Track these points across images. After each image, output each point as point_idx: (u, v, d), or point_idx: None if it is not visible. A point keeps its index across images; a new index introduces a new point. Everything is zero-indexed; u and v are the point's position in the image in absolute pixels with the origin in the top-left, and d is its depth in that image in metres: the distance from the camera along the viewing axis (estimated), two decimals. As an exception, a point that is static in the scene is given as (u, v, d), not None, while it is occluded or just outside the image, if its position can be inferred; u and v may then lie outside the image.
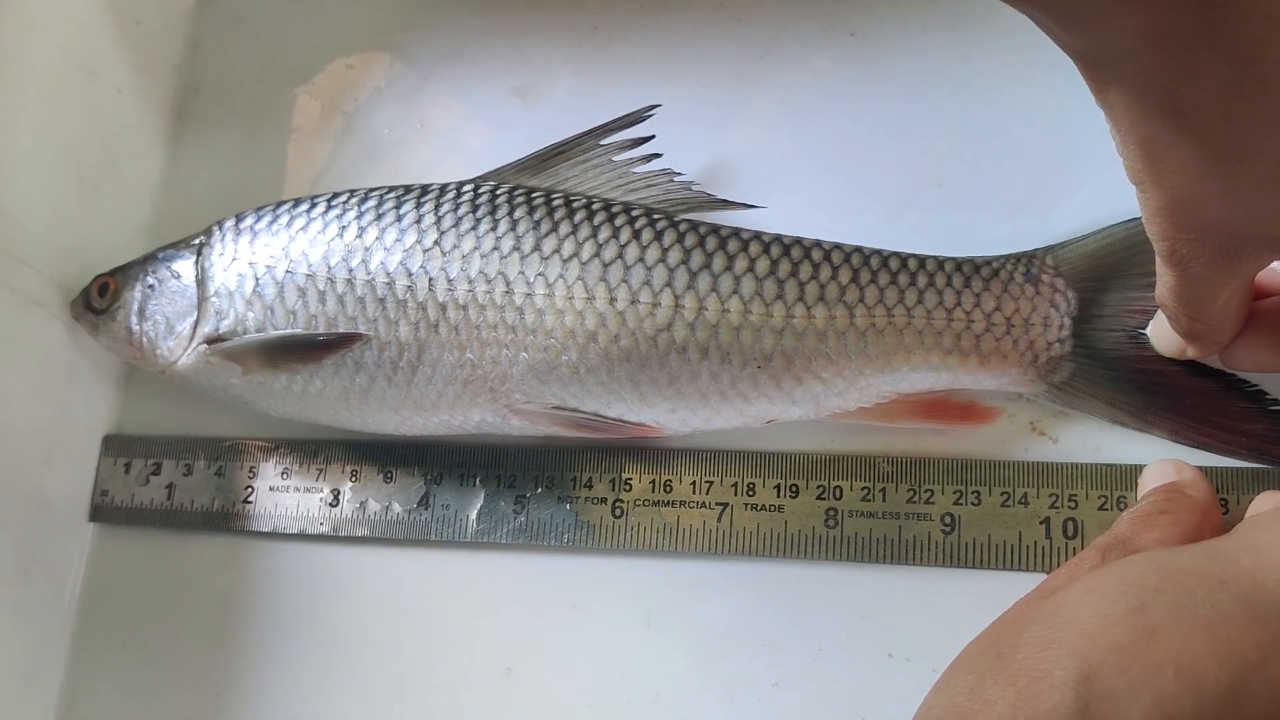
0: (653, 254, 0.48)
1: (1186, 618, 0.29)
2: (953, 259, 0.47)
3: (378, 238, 0.50)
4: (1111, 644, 0.29)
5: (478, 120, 0.58)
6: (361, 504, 0.54)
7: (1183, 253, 0.36)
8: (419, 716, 0.51)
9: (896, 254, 0.47)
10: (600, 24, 0.58)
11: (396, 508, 0.53)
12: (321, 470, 0.55)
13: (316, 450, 0.55)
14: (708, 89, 0.55)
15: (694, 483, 0.50)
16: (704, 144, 0.54)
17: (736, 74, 0.55)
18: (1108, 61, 0.30)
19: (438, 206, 0.50)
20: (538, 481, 0.52)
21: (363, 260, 0.50)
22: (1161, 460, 0.44)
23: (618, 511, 0.51)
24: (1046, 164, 0.50)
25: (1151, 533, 0.38)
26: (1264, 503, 0.41)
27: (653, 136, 0.51)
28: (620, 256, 0.48)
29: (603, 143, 0.51)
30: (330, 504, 0.54)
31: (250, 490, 0.56)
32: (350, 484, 0.54)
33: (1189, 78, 0.29)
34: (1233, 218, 0.33)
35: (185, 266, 0.54)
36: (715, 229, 0.49)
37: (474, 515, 0.52)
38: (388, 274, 0.49)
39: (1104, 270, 0.46)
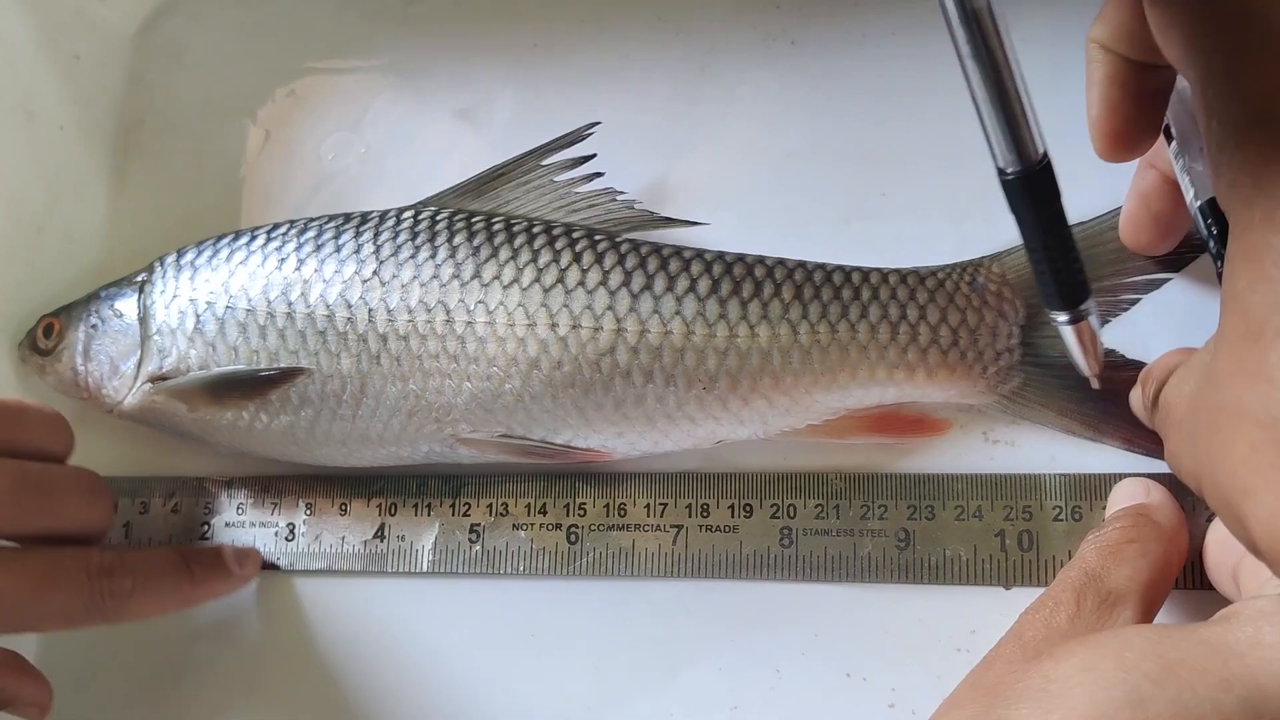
0: (593, 277, 0.47)
1: (1186, 717, 0.28)
2: (896, 271, 0.46)
3: (316, 269, 0.49)
4: None
5: (422, 144, 0.58)
6: (317, 538, 0.53)
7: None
8: (381, 751, 0.50)
9: (840, 268, 0.47)
10: (539, 40, 0.57)
11: (352, 541, 0.53)
12: (276, 504, 0.54)
13: (270, 484, 0.55)
14: (648, 103, 0.55)
15: (648, 505, 0.50)
16: (646, 161, 0.53)
17: (677, 87, 0.54)
18: None
19: (376, 235, 0.50)
20: (491, 510, 0.51)
21: (302, 293, 0.49)
22: (1131, 479, 0.43)
23: (573, 538, 0.50)
24: (991, 169, 0.49)
25: (1122, 567, 0.37)
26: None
27: (593, 155, 0.50)
28: (560, 281, 0.47)
29: (543, 163, 0.51)
30: (286, 539, 0.54)
31: (207, 527, 0.55)
32: (305, 517, 0.54)
33: None
34: None
35: (128, 305, 0.53)
36: (657, 249, 0.48)
37: (429, 546, 0.52)
38: (327, 306, 0.49)
39: (1052, 275, 0.45)
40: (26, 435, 0.46)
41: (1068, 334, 0.37)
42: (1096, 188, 0.44)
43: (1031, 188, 0.33)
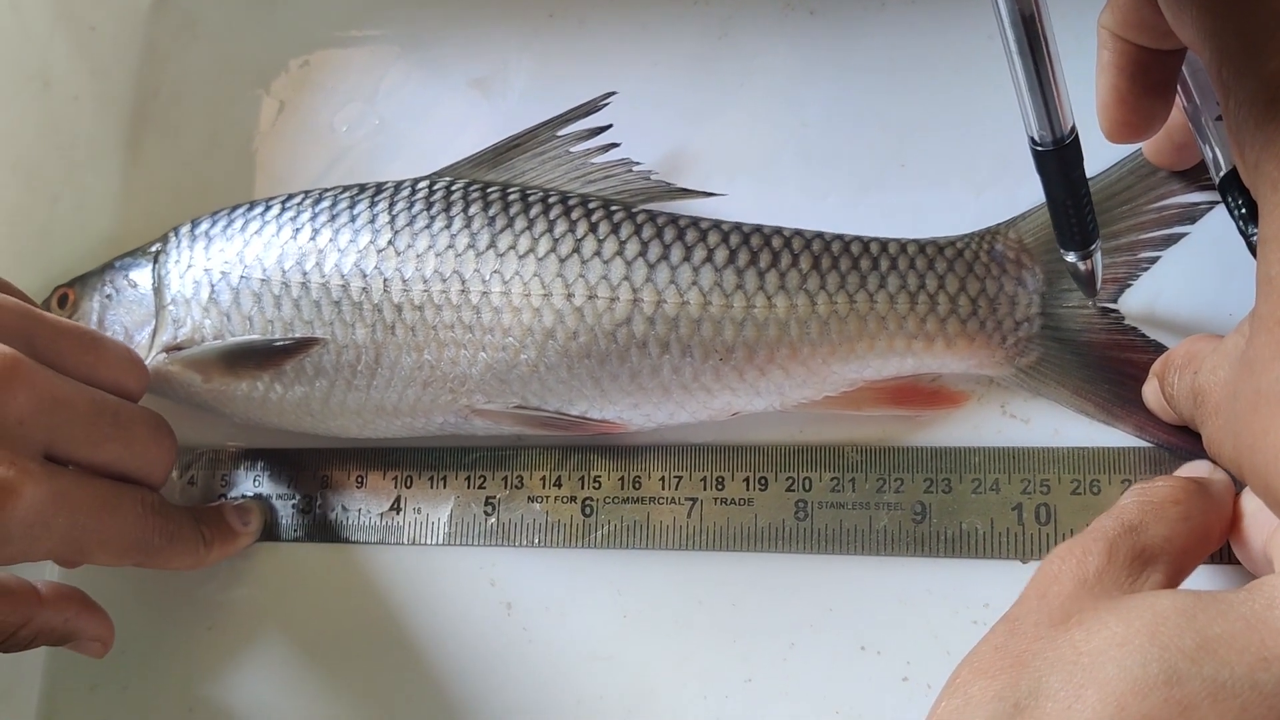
0: (609, 247, 0.47)
1: (1223, 697, 0.27)
2: (915, 241, 0.46)
3: (331, 239, 0.49)
4: (1143, 715, 0.28)
5: (437, 114, 0.57)
6: (334, 510, 0.53)
7: None
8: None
9: (858, 238, 0.46)
10: (556, 10, 0.57)
11: (369, 513, 0.53)
12: (293, 477, 0.54)
13: (286, 457, 0.55)
14: (665, 73, 0.54)
15: (663, 478, 0.49)
16: (663, 131, 0.53)
17: (694, 57, 0.54)
18: None
19: (391, 205, 0.49)
20: (506, 482, 0.51)
21: (317, 263, 0.49)
22: (1199, 463, 0.42)
23: (588, 510, 0.50)
24: (1010, 139, 0.48)
25: (1161, 526, 0.36)
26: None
27: (610, 126, 0.50)
28: (576, 251, 0.47)
29: (559, 134, 0.50)
30: (303, 510, 0.54)
31: (223, 500, 0.55)
32: (322, 490, 0.54)
33: None
34: None
35: (142, 275, 0.53)
36: (673, 219, 0.48)
37: (445, 519, 0.52)
38: (342, 276, 0.48)
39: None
40: (105, 368, 0.46)
41: (1079, 270, 0.42)
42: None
43: (1060, 158, 0.37)
